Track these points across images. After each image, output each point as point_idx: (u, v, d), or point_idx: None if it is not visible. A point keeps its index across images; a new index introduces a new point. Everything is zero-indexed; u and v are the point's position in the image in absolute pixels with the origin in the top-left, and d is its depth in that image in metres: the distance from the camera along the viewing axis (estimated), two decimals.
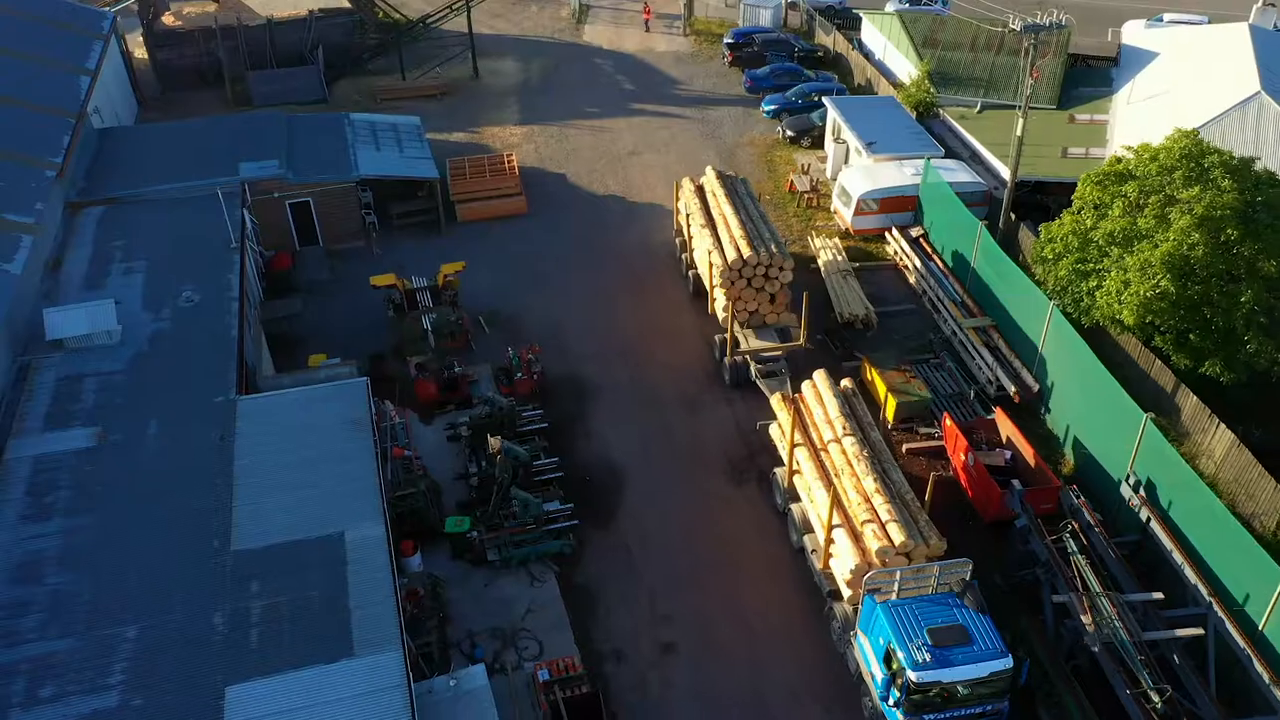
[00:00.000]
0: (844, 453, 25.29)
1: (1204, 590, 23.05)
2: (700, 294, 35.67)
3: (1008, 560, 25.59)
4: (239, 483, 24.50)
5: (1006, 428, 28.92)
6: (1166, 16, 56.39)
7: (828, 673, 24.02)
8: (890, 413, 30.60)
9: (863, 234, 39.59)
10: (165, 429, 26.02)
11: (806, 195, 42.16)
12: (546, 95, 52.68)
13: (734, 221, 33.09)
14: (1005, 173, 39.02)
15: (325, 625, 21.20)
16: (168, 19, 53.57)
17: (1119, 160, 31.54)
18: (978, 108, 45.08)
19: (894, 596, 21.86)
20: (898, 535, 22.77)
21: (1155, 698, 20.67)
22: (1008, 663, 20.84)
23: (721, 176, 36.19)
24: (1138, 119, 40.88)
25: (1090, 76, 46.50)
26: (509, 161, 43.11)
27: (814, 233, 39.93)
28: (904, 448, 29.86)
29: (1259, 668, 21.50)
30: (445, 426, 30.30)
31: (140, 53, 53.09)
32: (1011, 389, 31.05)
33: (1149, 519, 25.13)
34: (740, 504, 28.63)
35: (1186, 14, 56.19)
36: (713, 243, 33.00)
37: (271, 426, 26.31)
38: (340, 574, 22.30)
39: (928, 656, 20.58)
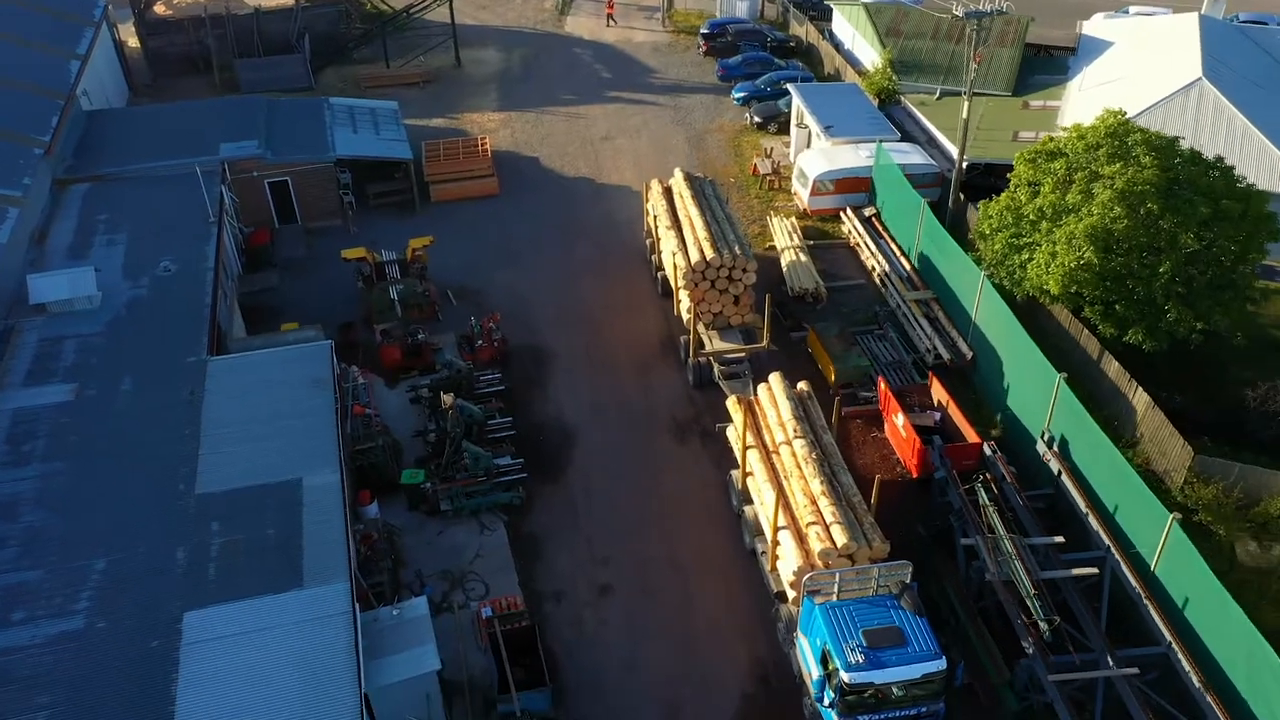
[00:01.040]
0: (794, 455, 25.29)
1: (1103, 535, 24.61)
2: (668, 294, 35.83)
3: (929, 510, 27.15)
4: (205, 434, 26.23)
5: (939, 392, 30.47)
6: (1132, 9, 57.91)
7: (753, 612, 25.57)
8: (831, 378, 32.16)
9: (819, 214, 41.16)
10: (139, 386, 27.75)
11: (769, 178, 43.75)
12: (526, 83, 54.32)
13: (699, 223, 33.36)
14: (956, 153, 40.56)
15: (278, 560, 22.87)
16: (159, 8, 55.25)
17: (1052, 139, 33.05)
18: (937, 94, 46.58)
19: (834, 598, 21.94)
20: (840, 537, 22.81)
21: (1044, 627, 22.22)
22: (941, 664, 20.94)
23: (690, 178, 36.44)
24: (1087, 105, 42.27)
25: (1047, 65, 47.98)
26: (482, 145, 44.75)
27: (773, 212, 41.50)
28: (842, 410, 31.40)
29: (1148, 604, 23.05)
30: (408, 389, 31.95)
31: (133, 41, 54.86)
32: (946, 356, 32.61)
33: (1060, 472, 26.69)
34: (683, 460, 30.25)
35: (1152, 6, 57.62)
36: (677, 244, 33.28)
37: (238, 384, 28.02)
38: (296, 515, 23.98)
39: (861, 658, 20.70)
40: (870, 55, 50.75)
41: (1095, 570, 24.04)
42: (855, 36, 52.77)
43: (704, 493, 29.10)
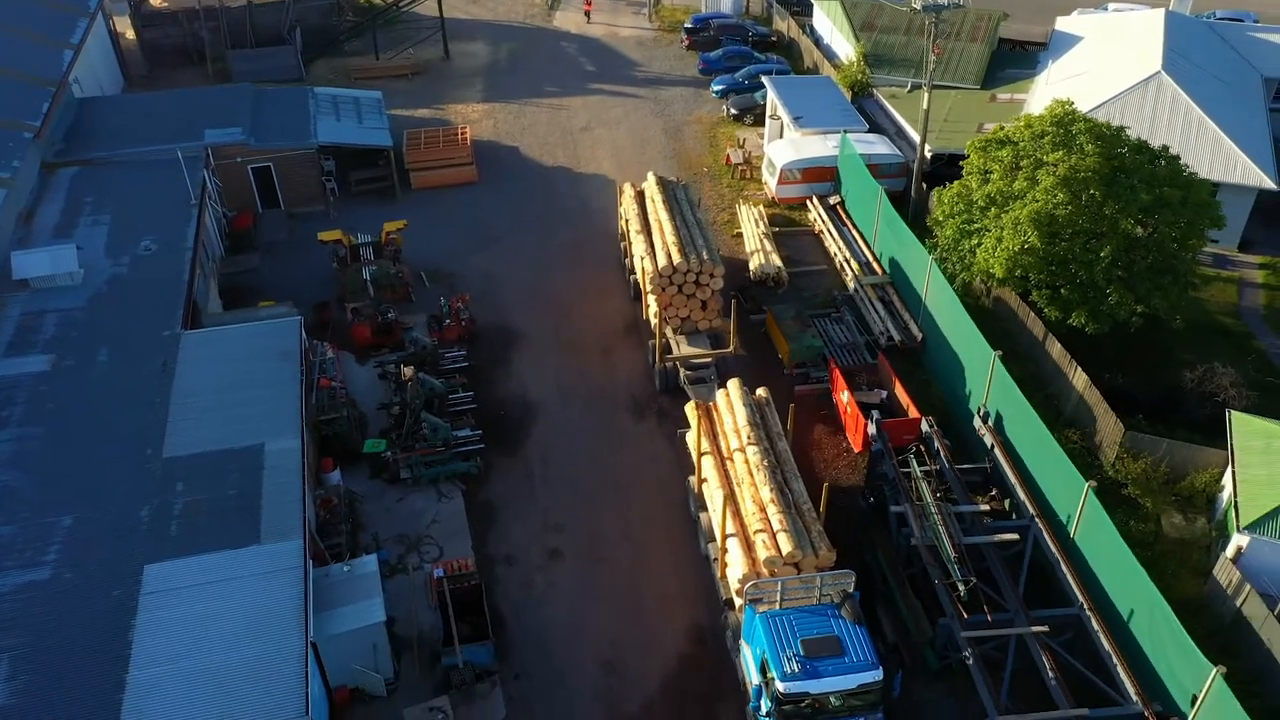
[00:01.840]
0: (746, 462, 25.15)
1: (1028, 504, 25.66)
2: (640, 297, 35.65)
3: (868, 481, 28.24)
4: (174, 402, 27.56)
5: (886, 372, 31.54)
6: (1110, 5, 58.70)
7: (696, 581, 26.66)
8: (785, 358, 33.27)
9: (787, 202, 42.25)
10: (114, 357, 29.09)
11: (740, 167, 44.85)
12: (511, 75, 55.51)
13: (669, 228, 33.31)
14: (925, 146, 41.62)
15: (238, 519, 24.16)
16: (154, 0, 56.63)
17: (1003, 128, 34.08)
18: (908, 87, 47.57)
19: (777, 606, 21.86)
20: (786, 545, 22.69)
21: (961, 588, 23.31)
22: (878, 675, 20.78)
23: (662, 182, 36.44)
24: (1049, 97, 43.18)
25: (1018, 60, 48.93)
26: (462, 134, 45.96)
27: (743, 201, 42.59)
28: (795, 389, 32.56)
29: (1064, 569, 24.10)
30: (375, 365, 33.16)
31: (131, 33, 56.22)
32: (897, 338, 33.68)
33: (992, 445, 27.74)
34: (639, 436, 31.39)
35: (1131, 4, 58.38)
36: (646, 249, 33.41)
37: (209, 356, 29.34)
38: (256, 478, 25.27)
39: (797, 667, 20.60)
40: (847, 49, 51.78)
41: (1016, 536, 25.10)
42: (833, 31, 53.82)
43: (657, 467, 30.21)
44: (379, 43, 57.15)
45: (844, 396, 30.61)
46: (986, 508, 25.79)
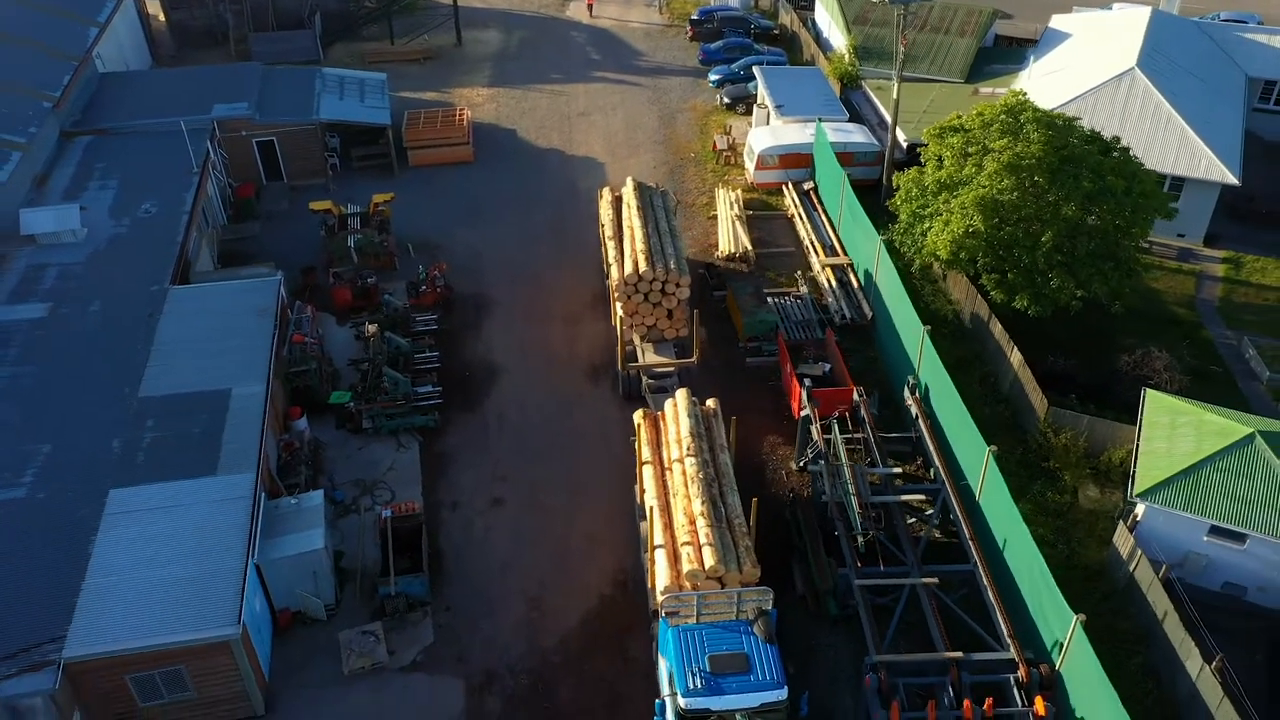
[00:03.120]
0: (684, 473, 25.00)
1: (940, 468, 27.00)
2: (610, 299, 35.23)
3: (798, 445, 29.73)
4: (155, 349, 29.89)
5: (832, 347, 32.95)
6: (1115, 5, 59.11)
7: (626, 531, 28.32)
8: (740, 331, 34.82)
9: (765, 187, 43.70)
10: (106, 307, 31.51)
11: (725, 153, 46.36)
12: (519, 62, 57.45)
13: (639, 235, 33.03)
14: (902, 136, 42.84)
15: (199, 453, 26.38)
16: None
17: (959, 116, 35.27)
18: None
19: (695, 620, 21.88)
20: (709, 559, 22.56)
21: (860, 540, 24.77)
22: (782, 694, 20.65)
23: (640, 188, 36.16)
24: (1033, 92, 44.10)
25: (1005, 55, 49.80)
26: (459, 115, 47.99)
27: (723, 184, 44.11)
28: (746, 361, 34.11)
29: (964, 529, 25.44)
30: (351, 326, 35.26)
31: (161, 15, 59.09)
32: (848, 316, 35.07)
33: (917, 415, 29.08)
34: (592, 400, 33.14)
35: (1136, 2, 58.74)
36: (615, 255, 33.63)
37: (193, 309, 31.67)
38: (221, 418, 27.48)
39: (701, 683, 20.58)
40: (841, 42, 52.98)
41: (922, 496, 26.50)
42: (830, 25, 55.04)
43: (605, 429, 31.90)
44: (395, 28, 59.44)
45: (789, 368, 32.10)
46: (899, 470, 27.16)
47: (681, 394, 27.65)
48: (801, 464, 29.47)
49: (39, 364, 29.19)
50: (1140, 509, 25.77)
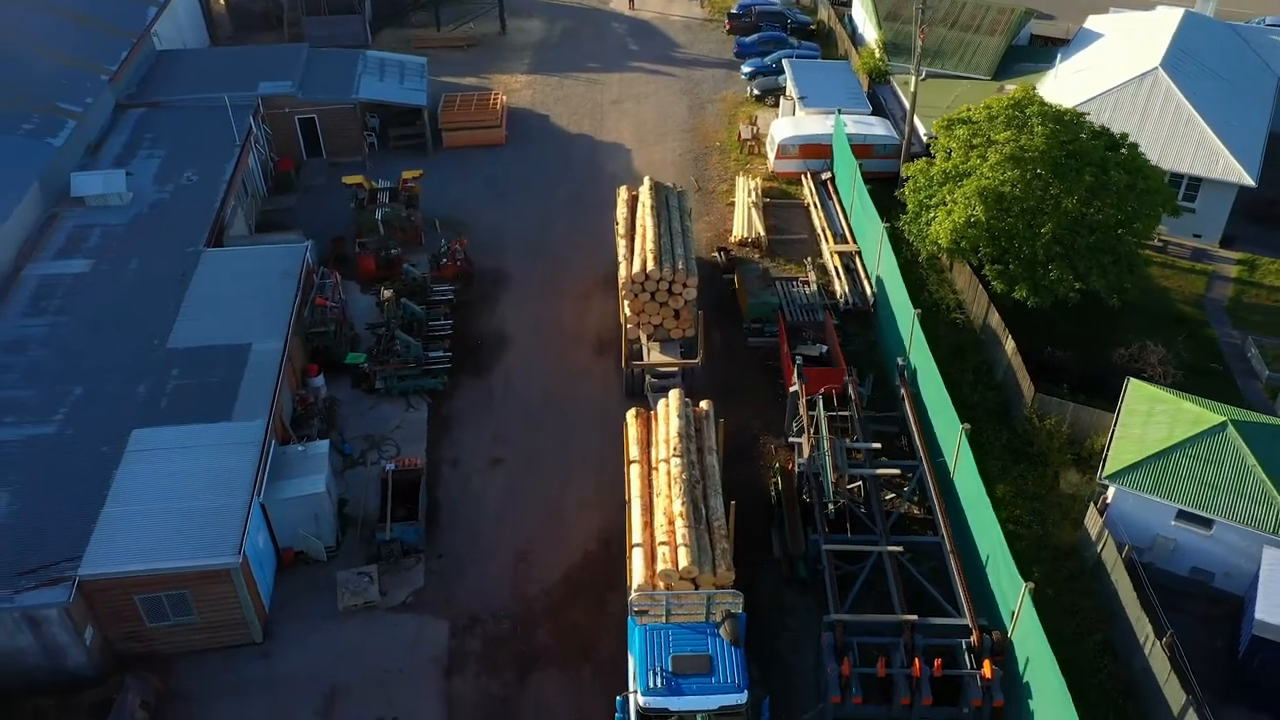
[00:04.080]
0: (668, 474, 25.01)
1: (919, 446, 27.83)
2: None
3: (787, 419, 30.75)
4: (185, 305, 31.87)
5: (830, 330, 33.87)
6: (1159, 6, 58.80)
7: (615, 494, 29.55)
8: (744, 312, 35.89)
9: (785, 176, 44.61)
10: (143, 265, 33.62)
11: (749, 142, 47.36)
12: (559, 51, 58.97)
13: (650, 235, 33.13)
14: (923, 130, 43.45)
15: (217, 401, 28.22)
16: None
17: (969, 109, 35.90)
18: (922, 75, 49.09)
19: (664, 619, 22.11)
20: (683, 559, 22.57)
21: (830, 507, 25.76)
22: (741, 698, 20.79)
23: (656, 187, 36.31)
24: (1057, 90, 44.47)
25: (1035, 54, 50.00)
26: (494, 100, 49.63)
27: (744, 172, 45.13)
28: (749, 340, 35.21)
29: (936, 504, 26.26)
30: (374, 294, 37.02)
31: None
32: (850, 300, 35.96)
33: (902, 396, 29.91)
34: (596, 372, 34.46)
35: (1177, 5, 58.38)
36: (625, 253, 33.85)
37: (223, 270, 33.63)
38: (240, 370, 29.30)
39: (661, 683, 20.80)
40: (874, 38, 53.57)
41: (897, 471, 27.39)
42: (865, 21, 55.65)
43: (605, 402, 33.15)
44: (442, 15, 61.34)
45: (786, 349, 33.09)
46: (878, 446, 28.07)
47: (674, 394, 27.51)
48: (787, 437, 30.45)
49: (78, 315, 31.33)
50: (1110, 491, 26.35)
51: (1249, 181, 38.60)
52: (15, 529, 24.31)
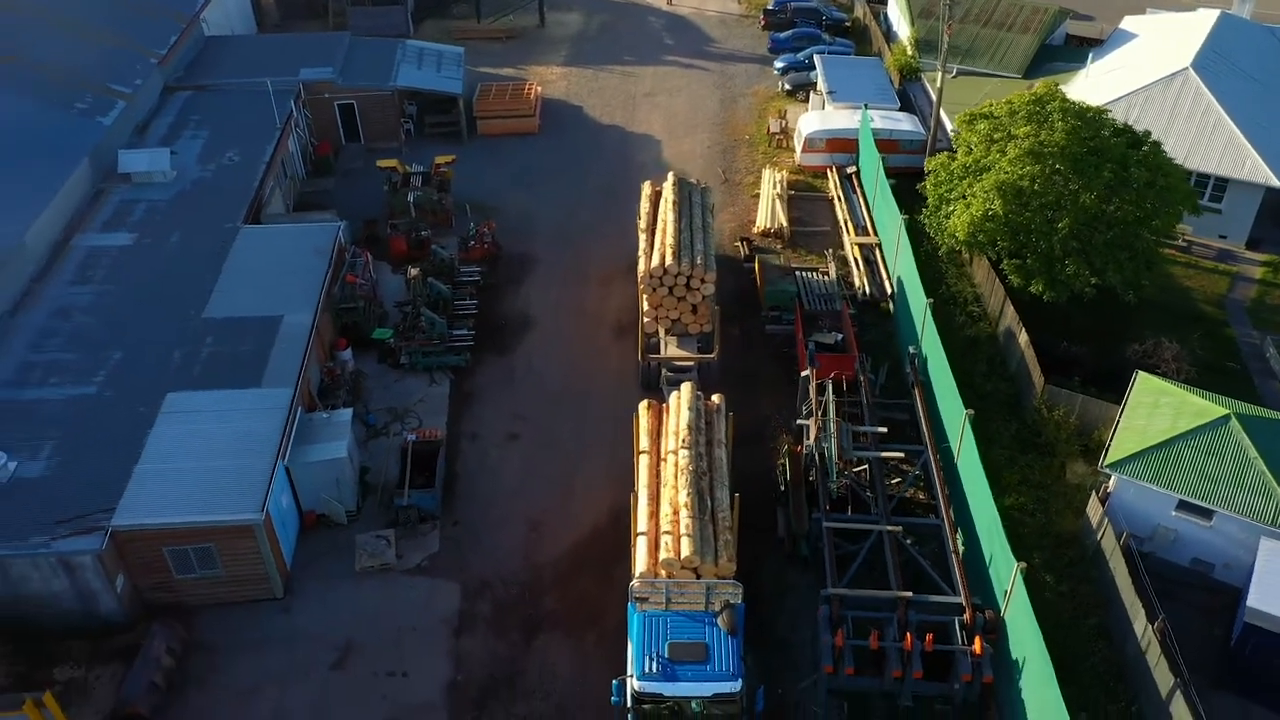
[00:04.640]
0: (676, 464, 25.26)
1: (925, 431, 28.35)
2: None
3: (799, 402, 31.38)
4: (221, 278, 33.21)
5: (846, 319, 34.41)
6: (1201, 9, 58.41)
7: (627, 476, 30.28)
8: (763, 300, 36.55)
9: (811, 170, 45.16)
10: (183, 239, 35.02)
11: (777, 136, 47.95)
12: (595, 44, 59.91)
13: (670, 230, 33.54)
14: (950, 126, 43.76)
15: (248, 368, 29.47)
16: None
17: (991, 104, 36.24)
18: (953, 73, 49.41)
19: (663, 607, 22.29)
20: (685, 549, 22.86)
21: (833, 488, 26.38)
22: (735, 686, 20.96)
23: (680, 183, 36.59)
24: (1087, 89, 44.58)
25: (1068, 54, 50.05)
26: (528, 89, 50.65)
27: (771, 165, 45.73)
28: (765, 328, 35.88)
29: (938, 487, 26.78)
30: (403, 273, 38.17)
31: None
32: (868, 291, 36.48)
33: (913, 384, 30.41)
34: (614, 353, 35.31)
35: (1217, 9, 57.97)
36: (645, 247, 34.25)
37: (259, 246, 34.95)
38: (270, 340, 30.55)
39: (657, 668, 21.04)
40: (906, 34, 53.89)
41: (901, 455, 27.93)
42: (899, 18, 55.96)
43: (621, 380, 34.00)
44: (483, 8, 62.52)
45: (801, 335, 33.70)
46: (885, 429, 28.62)
47: (686, 387, 27.78)
48: (797, 419, 31.05)
49: (121, 284, 32.78)
50: (1112, 480, 26.69)
51: (1276, 183, 38.51)
52: (55, 481, 25.68)
